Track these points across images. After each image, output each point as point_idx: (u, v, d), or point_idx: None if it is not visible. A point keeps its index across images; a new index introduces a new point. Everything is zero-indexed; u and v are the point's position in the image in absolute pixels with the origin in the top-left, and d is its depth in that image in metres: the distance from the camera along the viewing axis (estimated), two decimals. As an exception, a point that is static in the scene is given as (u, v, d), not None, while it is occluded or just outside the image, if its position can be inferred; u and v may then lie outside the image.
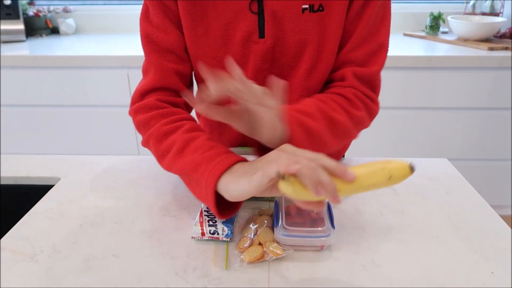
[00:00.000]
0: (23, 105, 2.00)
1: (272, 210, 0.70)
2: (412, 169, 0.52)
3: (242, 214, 0.71)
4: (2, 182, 0.85)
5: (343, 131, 0.72)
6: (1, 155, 0.92)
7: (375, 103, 0.79)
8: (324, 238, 0.61)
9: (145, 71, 0.82)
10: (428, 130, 1.95)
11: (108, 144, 2.06)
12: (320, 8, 0.74)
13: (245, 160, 0.61)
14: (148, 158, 0.90)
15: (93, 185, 0.81)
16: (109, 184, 0.81)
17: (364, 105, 0.76)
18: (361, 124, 0.76)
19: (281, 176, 0.49)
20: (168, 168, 0.69)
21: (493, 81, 1.83)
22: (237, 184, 0.55)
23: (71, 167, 0.87)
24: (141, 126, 0.76)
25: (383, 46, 0.79)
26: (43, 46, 2.14)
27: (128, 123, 1.96)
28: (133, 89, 1.89)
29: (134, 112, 0.78)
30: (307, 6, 0.73)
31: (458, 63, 1.81)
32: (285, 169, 0.50)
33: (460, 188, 0.79)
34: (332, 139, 0.69)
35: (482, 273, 0.58)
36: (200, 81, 0.85)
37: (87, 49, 2.03)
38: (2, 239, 0.66)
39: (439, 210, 0.72)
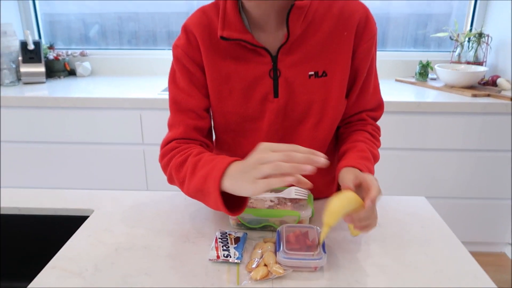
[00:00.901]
0: (42, 142, 2.15)
1: (274, 238, 0.84)
2: None
3: (250, 242, 0.85)
4: (44, 213, 0.99)
5: (377, 159, 0.97)
6: (42, 189, 1.06)
7: (379, 130, 1.06)
8: (317, 261, 0.75)
9: (170, 125, 0.97)
10: (419, 169, 2.10)
11: (120, 179, 2.20)
12: (324, 74, 0.91)
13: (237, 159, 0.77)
14: (168, 193, 1.05)
15: (123, 216, 0.96)
16: (137, 215, 0.96)
17: (378, 136, 1.04)
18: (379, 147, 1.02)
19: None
20: (188, 192, 0.84)
21: (476, 125, 1.99)
22: (243, 188, 0.71)
23: (102, 201, 1.02)
24: (165, 166, 0.92)
25: (381, 100, 1.04)
26: (62, 87, 2.31)
27: (139, 160, 2.13)
28: (145, 129, 2.07)
29: (161, 157, 0.94)
30: (313, 72, 0.91)
31: (444, 109, 1.97)
32: (281, 184, 0.67)
33: (433, 223, 0.94)
34: (373, 165, 0.93)
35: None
36: (220, 132, 1.02)
37: (102, 91, 2.21)
38: (52, 259, 0.80)
39: (414, 240, 0.86)
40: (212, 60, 0.91)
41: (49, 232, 0.99)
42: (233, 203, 0.78)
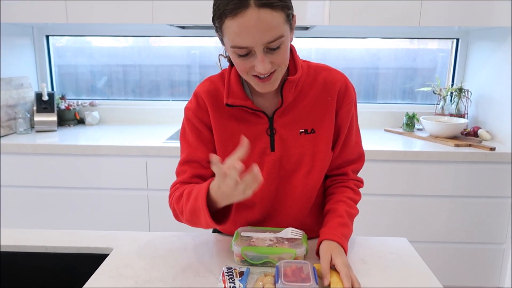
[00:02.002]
0: (52, 187, 2.27)
1: (274, 273, 0.97)
2: None
3: (253, 276, 0.97)
4: (67, 251, 1.11)
5: (354, 217, 1.12)
6: (64, 230, 1.19)
7: (361, 181, 1.21)
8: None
9: (177, 173, 1.14)
10: (407, 215, 2.22)
11: (124, 222, 2.30)
12: (312, 131, 1.08)
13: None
14: (178, 233, 1.18)
15: (140, 253, 1.08)
16: (152, 253, 1.08)
17: (358, 188, 1.19)
18: (357, 202, 1.17)
19: None
20: (186, 218, 1.01)
21: (459, 173, 2.14)
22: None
23: (120, 240, 1.15)
24: (170, 203, 1.08)
25: (362, 149, 1.19)
26: (72, 135, 2.46)
27: (142, 204, 2.26)
28: (150, 175, 2.20)
29: (169, 198, 1.10)
30: (303, 130, 1.09)
31: (429, 157, 2.13)
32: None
33: (412, 261, 1.07)
34: (352, 227, 1.10)
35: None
36: None
37: (110, 138, 2.36)
38: (81, 290, 0.92)
39: (395, 276, 0.99)
40: (219, 121, 1.09)
41: (73, 269, 1.11)
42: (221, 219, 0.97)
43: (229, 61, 1.10)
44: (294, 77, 1.03)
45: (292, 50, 1.08)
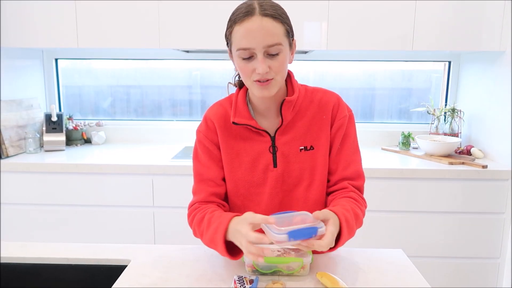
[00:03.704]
0: (60, 204, 2.34)
1: (281, 281, 1.05)
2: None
3: (261, 283, 1.06)
4: (87, 263, 1.19)
5: (359, 221, 1.13)
6: (83, 243, 1.27)
7: (365, 201, 1.23)
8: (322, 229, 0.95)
9: (194, 192, 1.24)
10: (404, 230, 2.30)
11: (131, 238, 2.36)
12: (311, 148, 1.18)
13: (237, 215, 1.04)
14: (190, 246, 1.26)
15: (156, 264, 1.16)
16: (167, 263, 1.17)
17: (363, 202, 1.20)
18: (364, 214, 1.18)
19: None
20: (205, 242, 1.11)
21: (453, 190, 2.23)
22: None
23: (137, 252, 1.23)
24: (190, 223, 1.17)
25: (361, 168, 1.25)
26: (79, 154, 2.54)
27: (148, 221, 2.33)
28: (156, 193, 2.28)
29: (188, 216, 1.20)
30: (302, 147, 1.18)
31: (424, 175, 2.22)
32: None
33: (407, 271, 1.15)
34: (355, 227, 1.10)
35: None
36: (231, 196, 1.25)
37: (116, 157, 2.44)
38: (104, 297, 1.00)
39: (392, 283, 1.07)
40: (226, 140, 1.20)
41: (93, 279, 1.19)
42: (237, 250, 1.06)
43: (237, 85, 1.23)
44: (291, 97, 1.15)
45: (290, 74, 1.21)
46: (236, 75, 1.24)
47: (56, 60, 2.93)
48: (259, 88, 1.08)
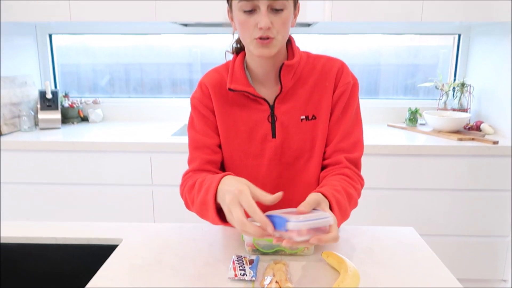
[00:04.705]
0: (56, 183, 2.28)
1: (284, 260, 0.98)
2: None
3: (262, 263, 0.98)
4: (78, 242, 1.12)
5: (354, 201, 1.03)
6: (73, 222, 1.20)
7: (362, 178, 1.13)
8: (327, 219, 0.81)
9: (189, 161, 1.15)
10: (411, 208, 2.24)
11: (130, 217, 2.31)
12: (313, 117, 1.09)
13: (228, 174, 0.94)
14: (188, 225, 1.19)
15: (149, 244, 1.09)
16: (162, 243, 1.09)
17: (358, 180, 1.09)
18: (359, 194, 1.08)
19: None
20: (196, 209, 1.00)
21: (463, 167, 2.15)
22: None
23: (129, 231, 1.16)
24: (182, 192, 1.09)
25: (360, 139, 1.14)
26: (76, 132, 2.47)
27: (147, 200, 2.26)
28: (154, 171, 2.21)
29: (180, 186, 1.11)
30: (304, 117, 1.10)
31: (433, 151, 2.14)
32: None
33: (420, 249, 1.07)
34: (349, 209, 1.00)
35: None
36: (227, 169, 1.18)
37: (114, 135, 2.36)
38: (93, 278, 0.93)
39: (402, 264, 1.00)
40: (222, 108, 1.12)
41: (83, 260, 1.11)
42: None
43: (234, 52, 1.15)
44: (291, 61, 1.06)
45: (291, 39, 1.12)
46: (234, 42, 1.15)
47: (50, 35, 2.83)
48: (259, 46, 0.99)
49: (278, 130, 1.11)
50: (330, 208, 0.91)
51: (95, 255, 1.11)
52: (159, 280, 0.92)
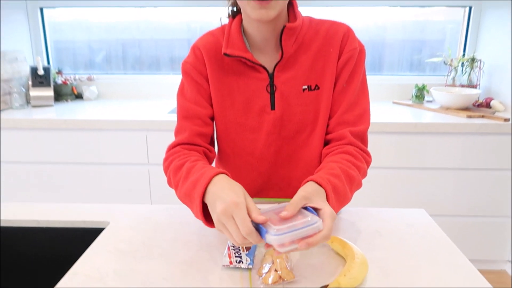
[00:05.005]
0: (50, 162, 2.20)
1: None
2: None
3: (260, 249, 0.90)
4: (62, 225, 1.04)
5: (356, 184, 0.92)
6: (57, 204, 1.12)
7: (368, 155, 1.02)
8: (314, 225, 0.70)
9: (176, 132, 1.05)
10: (417, 188, 2.15)
11: (124, 198, 2.25)
12: (316, 87, 0.99)
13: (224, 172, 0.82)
14: (180, 206, 1.10)
15: (138, 227, 1.01)
16: (151, 227, 1.01)
17: (363, 157, 0.98)
18: (364, 174, 0.98)
19: None
20: (180, 196, 0.90)
21: (472, 145, 2.06)
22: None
23: (117, 213, 1.07)
24: (166, 168, 0.99)
25: (366, 110, 1.03)
26: (69, 110, 2.38)
27: (143, 179, 2.18)
28: (150, 149, 2.13)
29: (164, 160, 1.01)
30: (306, 86, 1.00)
31: (440, 129, 2.05)
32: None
33: (432, 233, 0.99)
34: (350, 193, 0.90)
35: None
36: (221, 142, 1.09)
37: (109, 113, 2.27)
38: (73, 266, 0.85)
39: (414, 249, 0.91)
40: (216, 74, 1.02)
41: (67, 244, 1.03)
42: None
43: (231, 15, 1.04)
44: (293, 24, 0.95)
45: (293, 2, 1.01)
46: (230, 5, 1.04)
47: (41, 9, 2.70)
48: (256, 8, 0.88)
49: (277, 101, 1.01)
50: (326, 197, 0.81)
51: (80, 239, 1.03)
52: (147, 267, 0.84)
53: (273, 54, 1.01)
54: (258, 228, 0.72)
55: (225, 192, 0.75)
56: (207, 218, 0.83)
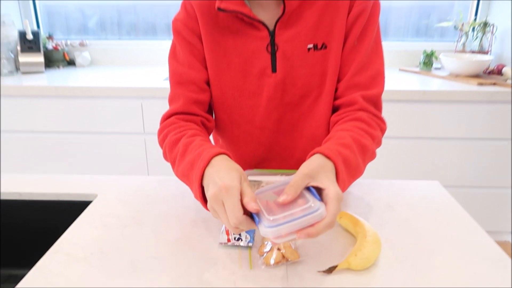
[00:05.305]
0: (40, 131, 2.12)
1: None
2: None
3: (261, 225, 0.82)
4: (46, 198, 0.96)
5: (370, 154, 0.82)
6: (43, 175, 1.03)
7: (383, 121, 0.92)
8: (315, 213, 0.59)
9: (170, 100, 0.95)
10: (423, 158, 2.07)
11: (120, 168, 2.17)
12: (324, 46, 0.88)
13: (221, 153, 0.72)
14: (174, 178, 1.01)
15: (128, 200, 0.92)
16: (143, 200, 0.93)
17: (377, 124, 0.88)
18: (378, 143, 0.87)
19: None
20: (177, 174, 0.81)
21: (482, 114, 1.97)
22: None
23: (105, 186, 0.99)
24: (161, 141, 0.89)
25: (381, 72, 0.92)
26: (61, 77, 2.28)
27: (140, 149, 2.10)
28: (146, 118, 2.04)
29: (159, 132, 0.91)
30: (312, 45, 0.88)
31: (450, 97, 1.95)
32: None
33: (448, 207, 0.91)
34: (363, 164, 0.79)
35: (469, 275, 0.69)
36: (217, 109, 0.99)
37: (102, 80, 2.17)
38: (55, 243, 0.77)
39: (429, 225, 0.83)
40: (210, 33, 0.90)
41: (51, 218, 0.96)
42: None
43: None
44: None
45: None
46: None
47: (29, -31, 2.56)
48: None
49: (279, 62, 0.90)
50: (336, 171, 0.70)
51: (65, 213, 0.95)
52: (136, 245, 0.76)
53: (274, 8, 0.89)
54: (252, 215, 0.63)
55: (220, 175, 0.66)
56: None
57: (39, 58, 2.36)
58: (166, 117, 0.92)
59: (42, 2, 2.62)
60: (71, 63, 2.60)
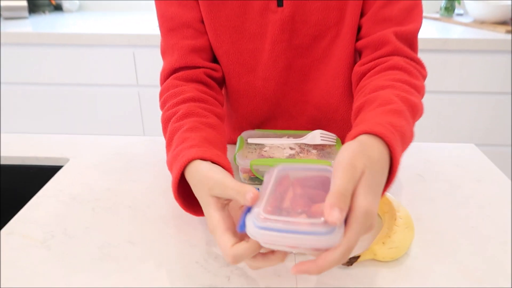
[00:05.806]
0: (24, 83, 1.99)
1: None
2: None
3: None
4: (8, 162, 0.81)
5: (420, 112, 0.63)
6: (6, 134, 0.88)
7: (422, 66, 0.73)
8: (322, 236, 0.39)
9: (163, 52, 0.78)
10: (441, 113, 1.92)
11: (112, 124, 2.04)
12: None
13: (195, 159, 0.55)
14: (159, 139, 0.86)
15: (104, 167, 0.77)
16: (122, 166, 0.78)
17: (418, 72, 0.70)
18: (423, 95, 0.67)
19: None
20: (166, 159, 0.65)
21: (510, 65, 1.79)
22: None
23: (80, 148, 0.84)
24: (161, 107, 0.73)
25: (418, 3, 0.72)
26: (46, 23, 2.13)
27: (133, 103, 1.94)
28: (139, 68, 1.87)
29: (159, 97, 0.75)
30: None
31: (474, 46, 1.79)
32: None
33: (490, 176, 0.75)
34: (413, 126, 0.60)
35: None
36: (218, 55, 0.81)
37: (91, 27, 2.01)
38: (9, 222, 0.62)
39: (470, 200, 0.68)
40: None
41: (13, 187, 0.81)
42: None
43: None
44: None
45: None
46: None
47: None
48: None
49: None
50: (390, 152, 0.49)
51: (32, 181, 0.80)
52: (110, 225, 0.62)
53: None
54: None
55: (200, 199, 0.52)
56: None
57: (22, 2, 2.21)
58: (164, 77, 0.76)
59: None
60: (57, 8, 2.47)
